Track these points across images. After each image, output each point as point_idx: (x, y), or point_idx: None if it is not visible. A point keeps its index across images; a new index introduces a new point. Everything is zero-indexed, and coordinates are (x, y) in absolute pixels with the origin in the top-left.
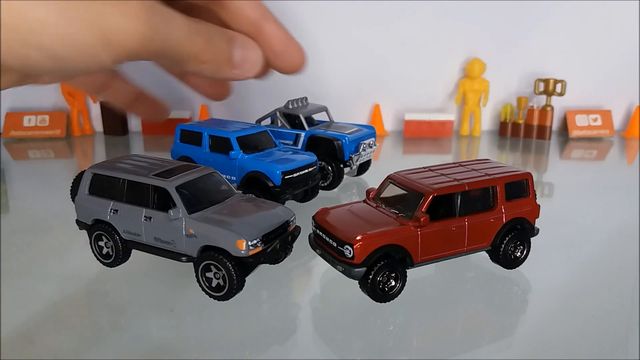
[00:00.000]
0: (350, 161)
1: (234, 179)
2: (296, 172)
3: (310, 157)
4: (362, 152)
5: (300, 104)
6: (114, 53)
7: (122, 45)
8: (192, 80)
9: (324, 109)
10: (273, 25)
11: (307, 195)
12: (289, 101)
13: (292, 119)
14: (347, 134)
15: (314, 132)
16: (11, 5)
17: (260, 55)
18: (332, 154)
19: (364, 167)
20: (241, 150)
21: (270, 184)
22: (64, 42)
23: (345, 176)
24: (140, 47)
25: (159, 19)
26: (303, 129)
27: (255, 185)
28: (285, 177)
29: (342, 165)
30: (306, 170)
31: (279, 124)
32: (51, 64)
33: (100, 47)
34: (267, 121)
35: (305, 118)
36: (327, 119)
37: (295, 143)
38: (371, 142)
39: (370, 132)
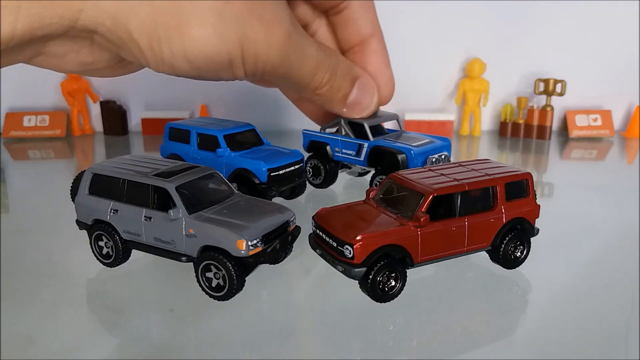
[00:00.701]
0: None
1: None
2: (282, 169)
3: (296, 154)
4: None
5: None
6: (251, 68)
7: (259, 61)
8: (304, 104)
9: (395, 117)
10: (379, 46)
11: (293, 193)
12: None
13: (356, 128)
14: (414, 146)
15: (378, 142)
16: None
17: (375, 102)
18: (395, 169)
19: None
20: (228, 148)
21: (257, 181)
22: (211, 58)
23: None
24: (273, 66)
25: (295, 43)
26: (367, 139)
27: (242, 182)
28: (271, 174)
29: None
30: (292, 168)
31: (343, 133)
32: (194, 74)
33: (239, 60)
34: (332, 129)
35: (373, 127)
36: (399, 128)
37: (358, 154)
38: (443, 157)
39: (442, 144)
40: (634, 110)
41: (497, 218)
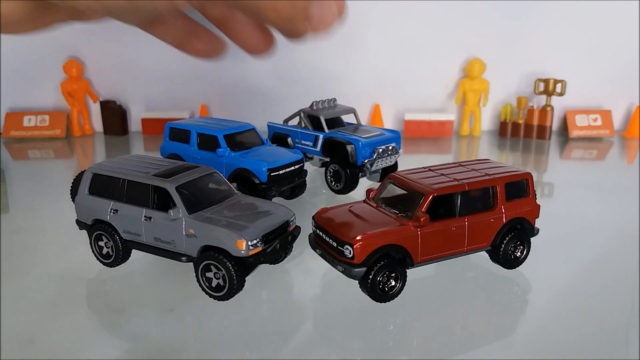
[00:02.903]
0: (365, 166)
1: None
2: (282, 169)
3: (296, 154)
4: (378, 158)
5: (325, 105)
6: None
7: None
8: (235, 29)
9: (352, 111)
10: None
11: (293, 193)
12: (313, 102)
13: (314, 120)
14: (363, 137)
15: (332, 134)
16: None
17: (336, 15)
18: (345, 158)
19: (387, 173)
20: (228, 148)
21: (257, 181)
22: None
23: (366, 180)
24: None
25: None
26: (323, 130)
27: (242, 182)
28: (271, 174)
29: (356, 170)
30: (292, 168)
31: (303, 125)
32: (127, 5)
33: None
34: (295, 121)
35: (332, 120)
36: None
37: (315, 145)
38: (390, 148)
39: (391, 136)
40: (634, 110)
41: (497, 218)
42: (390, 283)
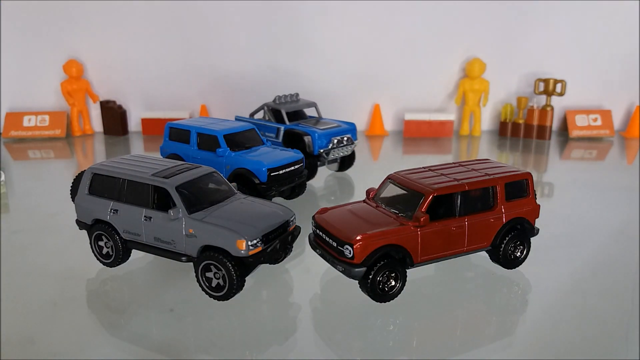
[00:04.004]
0: (322, 156)
1: None
2: (282, 169)
3: (296, 154)
4: (334, 148)
5: (288, 99)
6: None
7: None
8: None
9: (313, 105)
10: None
11: (293, 193)
12: (276, 96)
13: (277, 114)
14: (320, 129)
15: (292, 126)
16: None
17: None
18: (303, 148)
19: (346, 163)
20: (228, 148)
21: (257, 181)
22: None
23: (333, 172)
24: None
25: None
26: (284, 123)
27: (242, 182)
28: (271, 174)
29: (314, 160)
30: (292, 167)
31: (267, 118)
32: None
33: None
34: (260, 115)
35: (293, 113)
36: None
37: (277, 136)
38: (345, 139)
39: (346, 128)
40: (634, 110)
41: (497, 218)
42: (390, 283)
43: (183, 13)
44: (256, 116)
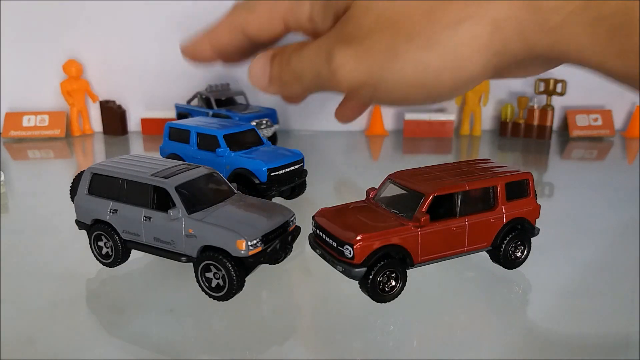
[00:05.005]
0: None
1: None
2: (282, 169)
3: (296, 154)
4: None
5: (218, 88)
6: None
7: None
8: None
9: (241, 93)
10: None
11: (293, 193)
12: (208, 85)
13: (207, 101)
14: (241, 113)
15: (218, 111)
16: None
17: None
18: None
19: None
20: (228, 148)
21: (256, 181)
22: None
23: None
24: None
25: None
26: (212, 108)
27: (242, 182)
28: (271, 174)
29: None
30: (292, 167)
31: (199, 104)
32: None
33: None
34: (195, 102)
35: (222, 100)
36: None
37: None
38: (264, 122)
39: (265, 113)
40: (634, 110)
41: (498, 218)
42: (391, 283)
43: (183, 13)
44: (192, 103)
